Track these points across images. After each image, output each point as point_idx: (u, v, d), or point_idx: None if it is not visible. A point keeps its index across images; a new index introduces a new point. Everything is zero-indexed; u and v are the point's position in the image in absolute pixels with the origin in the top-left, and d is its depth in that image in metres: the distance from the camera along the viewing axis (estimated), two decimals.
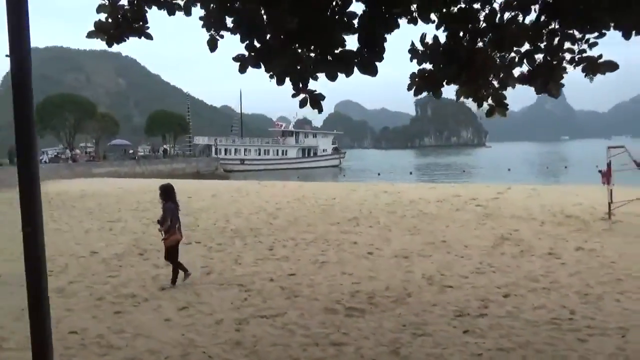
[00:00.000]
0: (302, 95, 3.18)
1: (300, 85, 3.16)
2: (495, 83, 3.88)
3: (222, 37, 3.55)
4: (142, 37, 3.93)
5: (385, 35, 3.19)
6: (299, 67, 3.19)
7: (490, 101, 4.12)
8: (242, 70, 3.30)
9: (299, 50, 3.21)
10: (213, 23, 3.41)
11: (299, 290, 7.05)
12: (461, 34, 3.39)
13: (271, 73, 3.23)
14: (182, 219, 7.72)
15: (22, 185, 2.50)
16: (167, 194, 7.72)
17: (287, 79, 3.17)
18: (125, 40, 3.90)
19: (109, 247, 10.84)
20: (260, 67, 3.29)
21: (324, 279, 7.65)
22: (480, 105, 4.19)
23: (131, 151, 53.50)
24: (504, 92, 3.98)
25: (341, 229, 12.27)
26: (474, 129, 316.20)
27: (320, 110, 3.24)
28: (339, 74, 3.10)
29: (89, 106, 42.47)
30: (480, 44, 3.56)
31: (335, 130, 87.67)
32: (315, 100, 3.16)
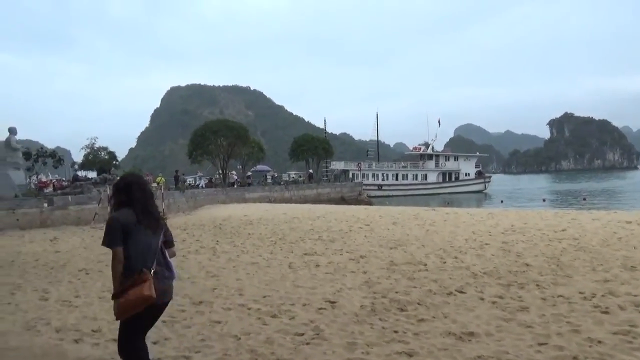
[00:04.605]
0: None
1: None
2: None
3: None
4: None
5: None
6: None
7: None
8: None
9: None
10: None
11: None
12: None
13: None
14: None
15: None
16: (124, 193, 3.64)
17: None
18: None
19: (341, 293, 8.06)
20: None
21: None
22: None
23: (275, 175, 53.67)
24: None
25: None
26: (623, 150, 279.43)
27: None
28: None
29: (242, 131, 42.90)
30: None
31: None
32: None
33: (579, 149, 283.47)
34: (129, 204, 3.61)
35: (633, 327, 5.78)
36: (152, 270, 3.57)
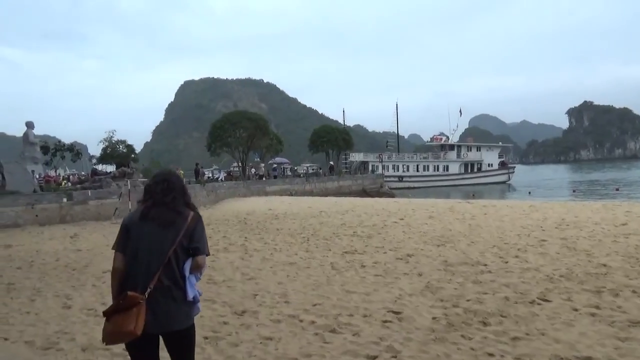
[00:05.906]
0: None
1: None
2: None
3: None
4: None
5: None
6: None
7: None
8: None
9: None
10: None
11: None
12: None
13: None
14: None
15: None
16: (145, 191, 3.22)
17: None
18: None
19: (403, 300, 7.02)
20: None
21: None
22: None
23: (295, 168, 52.76)
24: None
25: None
26: None
27: None
28: None
29: (262, 123, 41.88)
30: None
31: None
32: None
33: (598, 138, 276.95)
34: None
35: None
36: (148, 291, 2.58)
